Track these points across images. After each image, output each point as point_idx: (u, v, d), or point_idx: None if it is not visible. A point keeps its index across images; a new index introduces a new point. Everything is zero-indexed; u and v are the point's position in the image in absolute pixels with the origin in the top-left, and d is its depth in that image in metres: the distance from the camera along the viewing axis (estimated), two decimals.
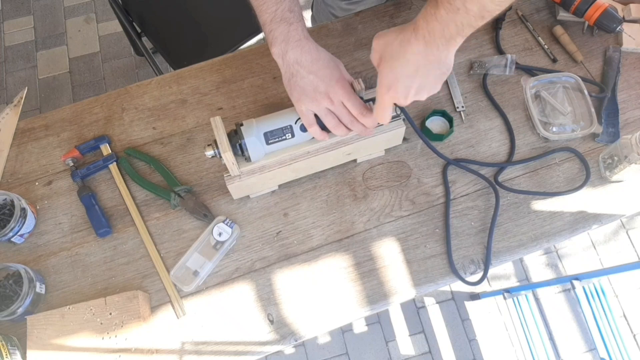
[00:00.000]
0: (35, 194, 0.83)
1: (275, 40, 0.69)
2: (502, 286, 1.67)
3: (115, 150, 0.86)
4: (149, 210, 0.82)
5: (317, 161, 0.77)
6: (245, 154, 0.71)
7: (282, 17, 0.69)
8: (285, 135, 0.72)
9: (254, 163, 0.73)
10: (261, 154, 0.73)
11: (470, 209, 0.81)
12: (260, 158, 0.73)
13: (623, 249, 1.74)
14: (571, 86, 0.88)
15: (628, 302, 1.67)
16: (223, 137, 0.69)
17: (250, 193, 0.81)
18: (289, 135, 0.72)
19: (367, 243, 0.79)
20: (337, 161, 0.81)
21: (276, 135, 0.72)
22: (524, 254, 0.79)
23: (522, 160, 0.83)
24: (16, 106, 0.91)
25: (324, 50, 0.71)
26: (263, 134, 0.71)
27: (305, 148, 0.75)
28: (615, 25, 0.89)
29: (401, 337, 1.63)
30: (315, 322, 0.75)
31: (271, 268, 0.78)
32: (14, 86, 2.01)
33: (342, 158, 0.80)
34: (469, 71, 0.91)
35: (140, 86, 0.91)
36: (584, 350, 1.61)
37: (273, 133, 0.72)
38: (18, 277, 0.74)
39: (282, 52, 0.69)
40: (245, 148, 0.71)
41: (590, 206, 0.81)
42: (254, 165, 0.74)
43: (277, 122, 0.72)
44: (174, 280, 0.75)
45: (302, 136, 0.73)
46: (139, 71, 2.03)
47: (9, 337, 0.72)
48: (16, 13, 2.16)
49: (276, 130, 0.72)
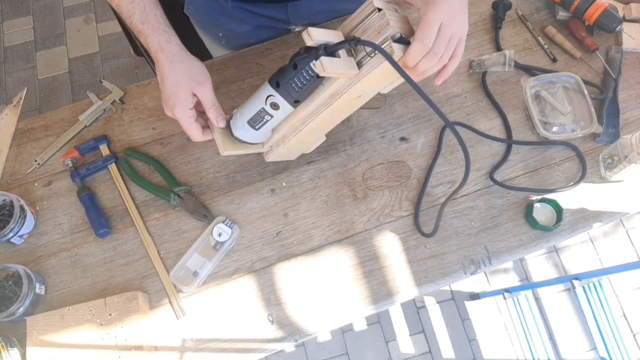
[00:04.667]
0: (34, 195, 0.83)
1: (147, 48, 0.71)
2: (502, 286, 1.67)
3: (115, 150, 0.86)
4: (149, 210, 0.81)
5: (331, 114, 0.72)
6: (247, 142, 0.72)
7: (137, 30, 0.70)
8: (265, 118, 0.69)
9: (273, 137, 0.74)
10: (260, 135, 0.72)
11: (470, 209, 0.81)
12: (267, 135, 0.73)
13: (623, 248, 1.74)
14: (571, 86, 0.87)
15: (628, 302, 1.67)
16: (218, 137, 0.71)
17: (301, 151, 0.82)
18: (268, 117, 0.69)
19: (367, 243, 0.79)
20: (352, 108, 0.76)
21: (258, 121, 0.70)
22: (524, 254, 0.79)
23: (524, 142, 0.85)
24: (15, 106, 0.91)
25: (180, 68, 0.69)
26: (247, 123, 0.70)
27: (308, 109, 0.71)
28: (615, 25, 0.89)
29: (401, 337, 1.63)
30: (315, 322, 0.75)
31: (271, 268, 0.78)
32: (14, 86, 2.01)
33: (355, 103, 0.74)
34: (469, 70, 0.91)
35: (139, 86, 0.91)
36: (583, 350, 1.61)
37: (254, 119, 0.69)
38: (18, 277, 0.74)
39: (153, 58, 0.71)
40: (242, 140, 0.71)
41: (590, 205, 0.81)
42: (273, 140, 0.74)
43: (252, 107, 0.70)
44: (174, 281, 0.75)
45: (280, 112, 0.69)
46: (139, 71, 2.03)
47: (8, 337, 0.72)
48: (15, 13, 2.15)
49: (255, 115, 0.69)
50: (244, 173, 0.84)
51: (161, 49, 0.68)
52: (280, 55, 0.92)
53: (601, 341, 1.23)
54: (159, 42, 0.69)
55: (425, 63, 0.63)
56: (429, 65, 0.63)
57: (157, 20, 0.70)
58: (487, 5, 0.96)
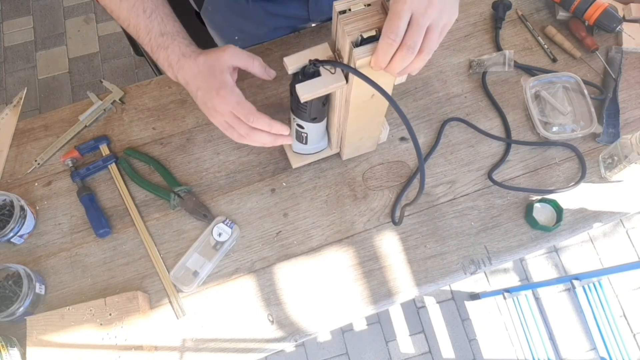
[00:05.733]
0: (34, 195, 0.83)
1: (163, 68, 0.68)
2: (502, 286, 1.67)
3: (115, 150, 0.86)
4: (149, 210, 0.81)
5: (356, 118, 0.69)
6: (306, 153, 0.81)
7: (157, 44, 0.67)
8: (303, 134, 0.73)
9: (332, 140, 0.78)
10: (314, 146, 0.78)
11: (470, 209, 0.81)
12: (322, 143, 0.79)
13: (623, 248, 1.74)
14: (571, 86, 0.87)
15: (628, 302, 1.67)
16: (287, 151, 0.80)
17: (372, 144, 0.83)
18: (304, 133, 0.73)
19: (367, 243, 0.79)
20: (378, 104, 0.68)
21: (301, 138, 0.74)
22: (524, 254, 0.79)
23: (524, 142, 0.84)
24: (15, 106, 0.91)
25: (203, 59, 0.65)
26: (296, 139, 0.76)
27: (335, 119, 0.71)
28: (615, 24, 0.89)
29: (401, 337, 1.63)
30: (315, 322, 0.75)
31: (271, 268, 0.78)
32: (14, 86, 2.01)
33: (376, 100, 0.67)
34: (469, 70, 0.91)
35: (139, 86, 0.91)
36: (584, 350, 1.61)
37: (297, 137, 0.75)
38: (18, 277, 0.74)
39: (174, 77, 0.68)
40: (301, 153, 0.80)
41: (590, 205, 0.81)
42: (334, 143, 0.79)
43: (291, 128, 0.73)
44: (174, 281, 0.75)
45: (310, 128, 0.72)
46: (139, 71, 2.03)
47: (8, 337, 0.72)
48: (15, 13, 2.16)
49: (296, 134, 0.74)
50: (244, 173, 0.84)
51: (182, 53, 0.66)
52: (280, 55, 0.92)
53: (601, 341, 1.23)
54: (180, 49, 0.67)
55: (400, 61, 0.54)
56: (405, 62, 0.54)
57: (175, 29, 0.68)
58: (487, 5, 0.96)
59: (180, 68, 0.66)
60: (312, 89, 0.60)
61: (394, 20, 0.51)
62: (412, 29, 0.52)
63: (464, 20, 0.95)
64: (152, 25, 0.67)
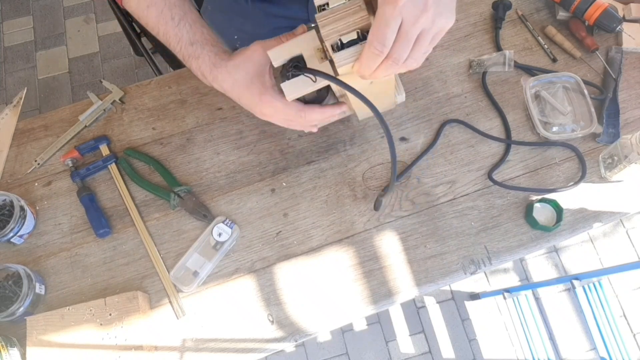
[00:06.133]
0: (34, 195, 0.83)
1: (198, 76, 0.68)
2: (502, 286, 1.67)
3: (115, 150, 0.86)
4: (149, 210, 0.81)
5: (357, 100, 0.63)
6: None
7: (188, 54, 0.66)
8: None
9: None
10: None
11: (470, 209, 0.81)
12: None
13: (623, 248, 1.74)
14: (571, 86, 0.87)
15: (628, 302, 1.67)
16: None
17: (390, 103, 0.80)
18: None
19: (367, 243, 0.79)
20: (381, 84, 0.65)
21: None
22: (524, 254, 0.79)
23: (524, 142, 0.84)
24: (15, 106, 0.91)
25: (234, 65, 0.64)
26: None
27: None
28: (615, 24, 0.89)
29: (401, 337, 1.63)
30: (315, 322, 0.75)
31: (271, 268, 0.78)
32: (14, 86, 2.01)
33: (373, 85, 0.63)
34: (469, 70, 0.90)
35: (139, 86, 0.91)
36: (584, 350, 1.61)
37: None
38: (17, 277, 0.74)
39: (210, 84, 0.68)
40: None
41: (590, 205, 0.81)
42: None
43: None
44: (174, 281, 0.75)
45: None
46: (139, 71, 2.03)
47: (8, 338, 0.72)
48: (15, 13, 2.16)
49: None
50: (244, 173, 0.84)
51: (213, 64, 0.64)
52: None
53: (601, 341, 1.23)
54: (210, 59, 0.65)
55: (384, 71, 0.50)
56: (388, 72, 0.50)
57: (204, 37, 0.66)
58: (487, 5, 0.96)
59: (214, 79, 0.66)
60: (299, 88, 0.58)
61: (382, 27, 0.46)
62: (401, 40, 0.48)
63: (464, 20, 0.95)
64: (181, 33, 0.66)
